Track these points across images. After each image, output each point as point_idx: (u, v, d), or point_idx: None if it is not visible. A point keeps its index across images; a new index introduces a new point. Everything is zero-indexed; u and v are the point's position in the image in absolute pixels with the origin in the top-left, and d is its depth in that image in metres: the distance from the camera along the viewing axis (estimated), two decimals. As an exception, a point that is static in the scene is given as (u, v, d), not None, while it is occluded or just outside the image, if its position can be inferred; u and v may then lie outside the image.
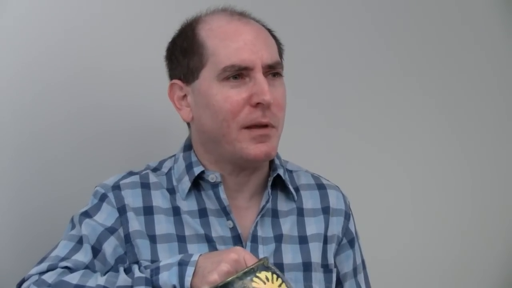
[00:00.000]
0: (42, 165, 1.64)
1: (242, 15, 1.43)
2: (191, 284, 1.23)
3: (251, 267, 1.17)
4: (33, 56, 1.63)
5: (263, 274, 1.18)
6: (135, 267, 1.30)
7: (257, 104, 1.35)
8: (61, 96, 1.65)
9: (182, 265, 1.25)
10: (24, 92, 1.62)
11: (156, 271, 1.27)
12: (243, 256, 1.23)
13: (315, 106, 2.00)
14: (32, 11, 1.64)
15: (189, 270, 1.24)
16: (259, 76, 1.36)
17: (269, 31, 1.45)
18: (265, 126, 1.37)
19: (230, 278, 1.16)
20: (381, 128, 2.12)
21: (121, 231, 1.37)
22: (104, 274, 1.31)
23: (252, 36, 1.38)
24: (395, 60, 2.14)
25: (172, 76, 1.44)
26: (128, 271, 1.30)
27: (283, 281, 1.19)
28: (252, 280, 1.17)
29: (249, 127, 1.36)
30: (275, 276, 1.19)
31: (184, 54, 1.40)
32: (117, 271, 1.31)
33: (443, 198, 2.22)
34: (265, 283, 1.17)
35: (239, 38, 1.37)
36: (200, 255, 1.26)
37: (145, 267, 1.29)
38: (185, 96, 1.41)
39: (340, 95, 2.05)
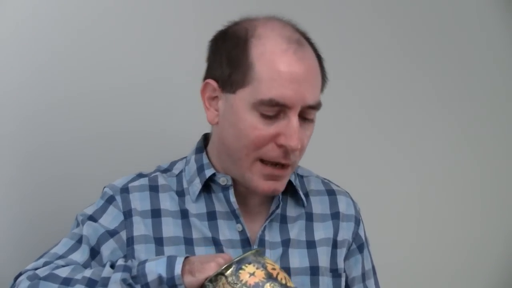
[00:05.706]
0: (50, 166, 1.66)
1: (300, 43, 1.35)
2: (182, 276, 1.23)
3: (258, 248, 1.23)
4: (38, 59, 1.65)
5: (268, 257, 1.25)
6: (120, 260, 1.30)
7: (282, 145, 1.33)
8: (71, 97, 1.68)
9: (171, 257, 1.26)
10: (31, 95, 1.64)
11: (142, 262, 1.28)
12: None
13: (324, 108, 1.99)
14: (44, 13, 1.66)
15: (179, 259, 1.25)
16: (293, 118, 1.32)
17: (319, 58, 1.39)
18: (282, 166, 1.35)
19: (245, 254, 1.20)
20: (391, 135, 2.12)
21: (123, 234, 1.37)
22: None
23: (301, 76, 1.32)
24: (404, 61, 2.14)
25: (209, 73, 1.39)
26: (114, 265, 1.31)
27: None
28: (264, 258, 1.22)
29: (265, 161, 1.35)
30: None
31: (229, 63, 1.34)
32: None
33: (452, 202, 2.21)
34: (274, 263, 1.22)
35: (287, 75, 1.31)
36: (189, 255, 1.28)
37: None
38: (216, 97, 1.37)
39: (348, 98, 2.04)
